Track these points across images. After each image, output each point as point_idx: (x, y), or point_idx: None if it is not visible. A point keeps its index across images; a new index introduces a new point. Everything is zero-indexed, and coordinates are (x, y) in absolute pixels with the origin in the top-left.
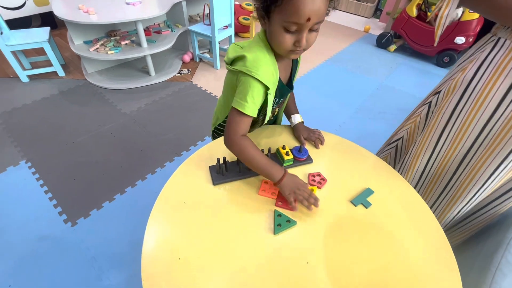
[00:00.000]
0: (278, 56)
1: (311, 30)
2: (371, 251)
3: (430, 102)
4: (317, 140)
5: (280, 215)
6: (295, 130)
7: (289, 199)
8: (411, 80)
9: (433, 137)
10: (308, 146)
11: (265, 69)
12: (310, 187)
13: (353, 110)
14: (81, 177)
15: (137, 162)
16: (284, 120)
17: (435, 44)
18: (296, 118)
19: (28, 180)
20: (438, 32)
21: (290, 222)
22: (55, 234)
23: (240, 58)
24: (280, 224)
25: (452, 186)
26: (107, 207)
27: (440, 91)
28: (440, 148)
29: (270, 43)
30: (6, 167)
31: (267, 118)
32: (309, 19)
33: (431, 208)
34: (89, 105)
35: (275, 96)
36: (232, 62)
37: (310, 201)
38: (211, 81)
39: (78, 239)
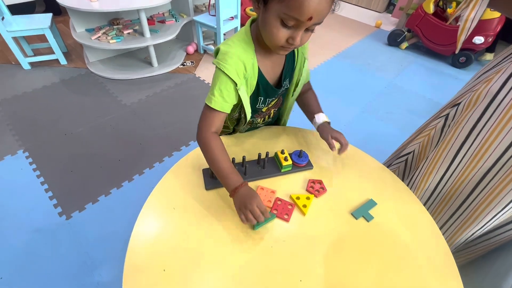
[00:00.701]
0: (265, 51)
1: (307, 29)
2: (371, 269)
3: (447, 115)
4: (346, 145)
5: None
6: (321, 131)
7: (239, 215)
8: (422, 80)
9: (449, 153)
10: (315, 152)
11: (234, 62)
12: (306, 195)
13: (359, 109)
14: (78, 169)
15: (135, 156)
16: (294, 123)
17: (457, 51)
18: (321, 117)
19: (25, 170)
20: (462, 38)
21: (270, 216)
22: (49, 226)
23: (217, 51)
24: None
25: (466, 209)
26: (102, 201)
27: (459, 103)
28: (456, 166)
29: (261, 31)
30: (4, 156)
31: (248, 117)
32: (310, 18)
33: (440, 229)
34: (89, 95)
35: (259, 95)
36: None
37: (260, 219)
38: None
39: (72, 233)
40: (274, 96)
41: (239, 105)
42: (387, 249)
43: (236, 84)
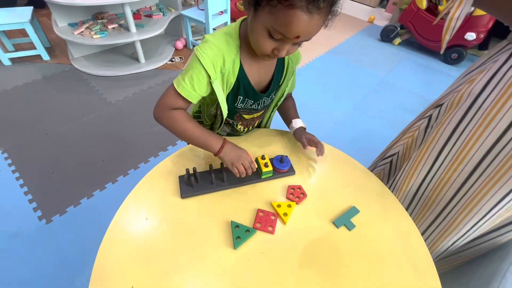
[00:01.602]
0: (253, 53)
1: (295, 43)
2: (351, 280)
3: (431, 115)
4: (319, 143)
5: (238, 226)
6: (296, 133)
7: (233, 170)
8: (414, 77)
9: (431, 154)
10: (298, 156)
11: (213, 53)
12: (288, 202)
13: (350, 107)
14: (59, 171)
15: (120, 156)
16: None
17: (442, 51)
18: (298, 123)
19: (4, 172)
20: (446, 37)
21: (249, 232)
22: (28, 231)
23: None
24: (240, 236)
25: (447, 215)
26: (84, 204)
27: (442, 104)
28: (438, 168)
29: (249, 34)
30: None
31: (224, 114)
32: (298, 37)
33: (422, 235)
34: (73, 92)
35: (239, 94)
36: None
37: (249, 172)
38: None
39: (52, 238)
40: (256, 100)
41: (216, 101)
42: (368, 259)
43: (209, 77)
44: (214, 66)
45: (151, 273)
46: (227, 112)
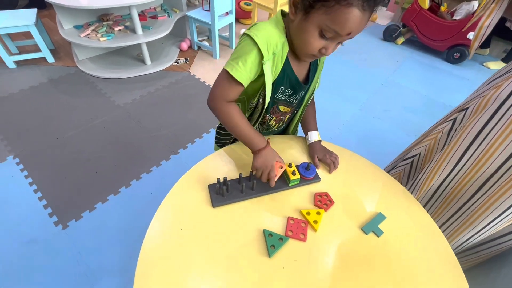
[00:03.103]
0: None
1: (338, 42)
2: (383, 286)
3: (455, 119)
4: (331, 164)
5: (271, 234)
6: (310, 149)
7: (257, 174)
8: (418, 76)
9: (454, 155)
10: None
11: (266, 33)
12: (316, 210)
13: (357, 108)
14: (72, 175)
15: (131, 160)
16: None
17: (470, 57)
18: (313, 136)
19: (16, 177)
20: (475, 44)
21: (282, 240)
22: (45, 237)
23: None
24: (274, 245)
25: (466, 211)
26: (99, 209)
27: (467, 108)
28: (460, 169)
29: (293, 36)
30: None
31: (267, 100)
32: (349, 33)
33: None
34: (80, 95)
35: (282, 84)
36: None
37: (270, 182)
38: (210, 72)
39: (70, 243)
40: (298, 93)
41: (259, 90)
42: (399, 265)
43: (262, 57)
44: (267, 46)
45: (190, 283)
46: (270, 99)
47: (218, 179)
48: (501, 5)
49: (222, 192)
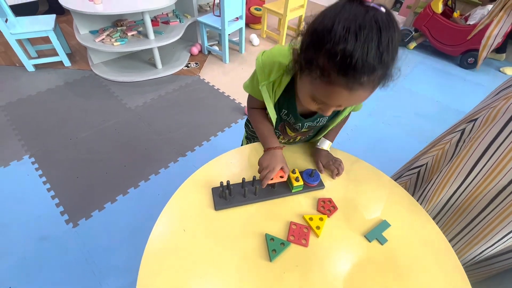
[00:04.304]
0: None
1: (338, 109)
2: None
3: (464, 129)
4: (335, 170)
5: (272, 239)
6: (316, 154)
7: (259, 169)
8: (430, 82)
9: (464, 168)
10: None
11: (270, 60)
12: (319, 215)
13: (366, 113)
14: (83, 175)
15: (140, 162)
16: None
17: (478, 68)
18: (324, 144)
19: (31, 176)
20: (483, 54)
21: (284, 245)
22: (56, 234)
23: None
24: (275, 249)
25: (478, 224)
26: (109, 209)
27: (476, 119)
28: (471, 181)
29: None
30: (10, 161)
31: (273, 119)
32: (340, 105)
33: (449, 242)
34: (94, 98)
35: (284, 108)
36: None
37: (263, 181)
38: (219, 76)
39: (80, 241)
40: (296, 121)
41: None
42: (402, 275)
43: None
44: (264, 73)
45: (192, 285)
46: (275, 118)
47: (221, 182)
48: (510, 13)
49: (225, 196)
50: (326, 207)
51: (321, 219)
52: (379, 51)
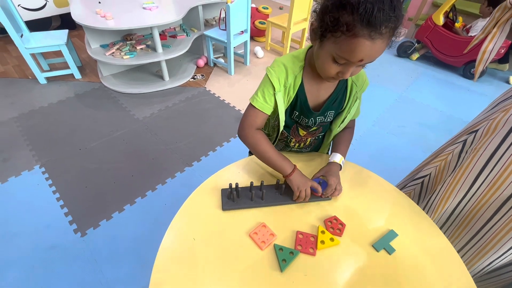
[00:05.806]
0: (316, 75)
1: (358, 65)
2: None
3: (465, 140)
4: (334, 190)
5: (281, 249)
6: (327, 168)
7: (296, 193)
8: (433, 92)
9: (468, 178)
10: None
11: (279, 69)
12: (330, 236)
13: (370, 123)
14: (92, 185)
15: (148, 171)
16: None
17: (475, 80)
18: (335, 157)
19: (41, 185)
20: (479, 68)
21: (293, 254)
22: (65, 243)
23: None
24: (285, 259)
25: (485, 234)
26: (116, 218)
27: (477, 130)
28: (475, 191)
29: (315, 60)
30: (21, 171)
31: (281, 125)
32: (361, 60)
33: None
34: (103, 109)
35: (295, 109)
36: None
37: (306, 200)
38: (225, 87)
39: (87, 251)
40: (309, 117)
41: (276, 113)
42: (411, 284)
43: (274, 89)
44: (279, 80)
45: None
46: (284, 123)
47: (230, 184)
48: (503, 29)
49: (232, 198)
50: (335, 226)
51: (332, 239)
52: (392, 4)
